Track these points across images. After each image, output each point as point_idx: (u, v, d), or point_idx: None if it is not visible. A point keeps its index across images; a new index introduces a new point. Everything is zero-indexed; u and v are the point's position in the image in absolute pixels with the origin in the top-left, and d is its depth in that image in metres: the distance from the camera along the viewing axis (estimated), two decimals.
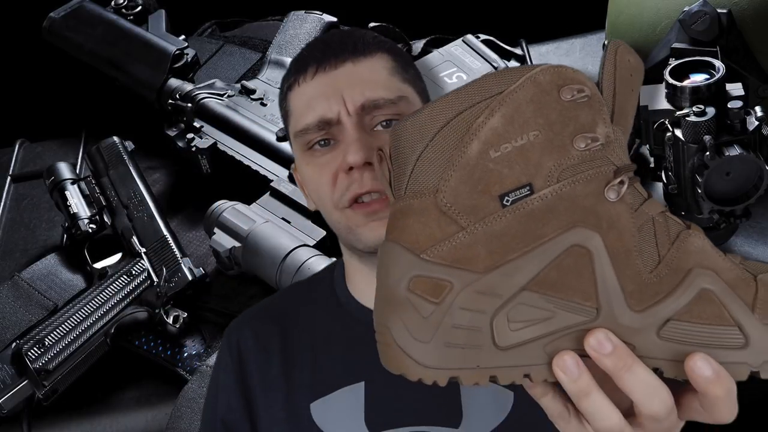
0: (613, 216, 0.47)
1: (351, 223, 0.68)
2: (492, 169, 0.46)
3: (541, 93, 0.47)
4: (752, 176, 0.89)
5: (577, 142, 0.47)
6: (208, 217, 1.08)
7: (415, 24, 1.36)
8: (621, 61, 0.49)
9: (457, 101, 0.48)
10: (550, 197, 0.46)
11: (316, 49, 0.70)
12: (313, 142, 0.68)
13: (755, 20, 1.02)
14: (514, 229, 0.46)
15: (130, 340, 1.04)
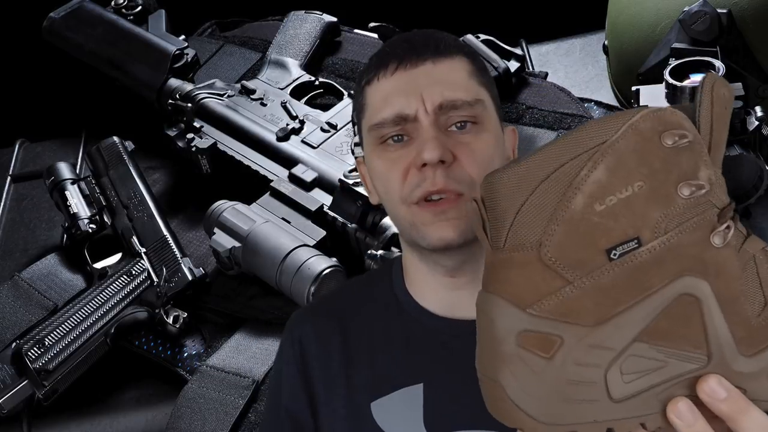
0: (719, 262, 0.46)
1: (417, 220, 0.68)
2: (597, 222, 0.46)
3: (644, 141, 0.46)
4: (752, 176, 0.89)
5: (681, 190, 0.46)
6: (208, 217, 1.08)
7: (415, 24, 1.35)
8: (717, 96, 0.48)
9: (558, 153, 0.47)
10: (659, 249, 0.46)
11: (398, 47, 0.71)
12: (387, 136, 0.69)
13: (755, 20, 1.02)
14: (622, 281, 0.46)
15: (130, 340, 1.04)
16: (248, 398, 0.95)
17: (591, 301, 0.46)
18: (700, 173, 0.46)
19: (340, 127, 1.18)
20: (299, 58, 1.33)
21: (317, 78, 1.30)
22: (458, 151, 0.68)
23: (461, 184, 0.68)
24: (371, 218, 1.04)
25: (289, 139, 1.17)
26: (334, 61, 1.37)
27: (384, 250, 0.98)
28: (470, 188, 0.68)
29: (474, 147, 0.69)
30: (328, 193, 1.09)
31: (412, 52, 0.70)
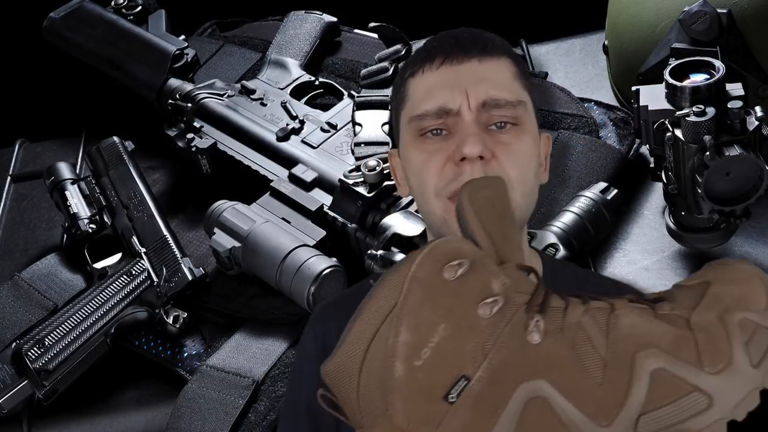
0: (545, 356, 0.49)
1: (449, 215, 0.69)
2: (424, 378, 0.48)
3: (428, 288, 0.49)
4: (752, 176, 0.89)
5: (481, 313, 0.49)
6: (208, 217, 1.08)
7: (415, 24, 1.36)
8: (477, 203, 0.52)
9: (362, 331, 0.50)
10: (486, 376, 0.48)
11: (445, 42, 0.72)
12: (427, 129, 0.70)
13: (755, 20, 1.02)
14: (470, 416, 0.48)
15: (130, 340, 1.04)
16: (248, 398, 0.95)
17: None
18: (492, 287, 0.49)
19: (340, 127, 1.18)
20: (299, 58, 1.33)
21: (317, 78, 1.30)
22: (497, 150, 0.69)
23: None
24: (371, 218, 1.04)
25: (289, 139, 1.17)
26: (334, 61, 1.37)
27: (384, 250, 0.99)
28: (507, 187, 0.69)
29: (513, 148, 0.69)
30: (328, 193, 1.09)
31: (459, 48, 0.71)
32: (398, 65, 1.22)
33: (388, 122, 0.79)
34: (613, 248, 1.09)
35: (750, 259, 1.06)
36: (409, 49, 1.26)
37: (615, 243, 1.10)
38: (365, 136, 1.13)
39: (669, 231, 1.03)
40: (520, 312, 0.49)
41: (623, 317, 0.50)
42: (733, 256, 1.06)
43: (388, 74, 1.20)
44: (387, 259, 0.97)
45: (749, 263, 0.52)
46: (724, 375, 0.49)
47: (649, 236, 1.10)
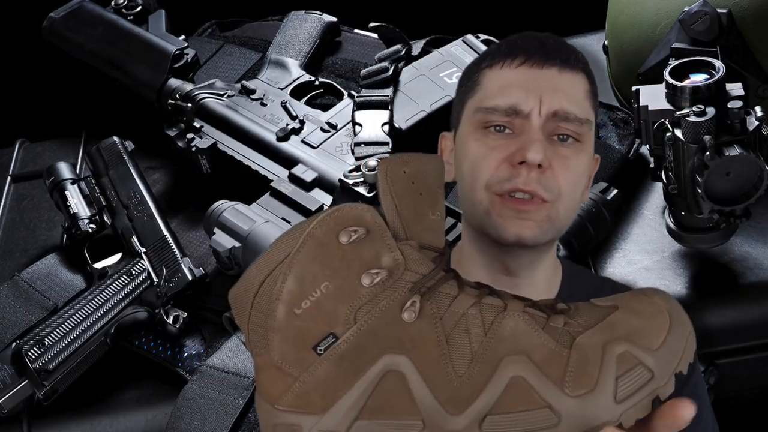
0: (414, 335, 0.51)
1: (494, 210, 0.70)
2: (300, 326, 0.52)
3: (321, 245, 0.52)
4: (752, 176, 0.89)
5: (363, 280, 0.52)
6: (208, 217, 1.08)
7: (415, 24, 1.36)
8: (394, 177, 0.54)
9: (260, 269, 0.54)
10: (352, 338, 0.51)
11: (530, 43, 0.72)
12: (492, 123, 0.70)
13: (755, 20, 1.02)
14: (333, 372, 0.51)
15: (130, 340, 1.04)
16: (248, 398, 0.95)
17: (316, 393, 0.52)
18: (382, 260, 0.52)
19: (340, 127, 1.18)
20: (299, 58, 1.33)
21: (317, 78, 1.29)
22: (555, 162, 0.69)
23: (549, 192, 0.69)
24: None
25: (289, 139, 1.17)
26: (334, 61, 1.37)
27: None
28: (555, 198, 0.70)
29: (570, 162, 0.70)
30: (328, 193, 1.09)
31: (543, 52, 0.71)
32: (398, 65, 1.22)
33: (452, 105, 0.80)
34: (613, 248, 1.09)
35: (750, 259, 1.06)
36: (409, 49, 1.26)
37: (615, 243, 1.10)
38: (365, 136, 1.13)
39: (669, 231, 1.03)
40: (403, 289, 0.52)
41: (509, 319, 0.52)
42: (733, 256, 1.06)
43: (388, 74, 1.20)
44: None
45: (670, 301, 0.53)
46: (581, 400, 0.50)
47: (649, 236, 1.10)
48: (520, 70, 0.71)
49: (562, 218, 0.72)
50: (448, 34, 1.32)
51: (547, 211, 0.70)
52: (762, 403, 1.09)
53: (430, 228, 0.55)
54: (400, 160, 0.55)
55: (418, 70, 1.23)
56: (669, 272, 1.05)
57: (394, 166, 0.55)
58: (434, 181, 0.56)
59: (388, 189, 0.54)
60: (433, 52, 1.27)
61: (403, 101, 1.19)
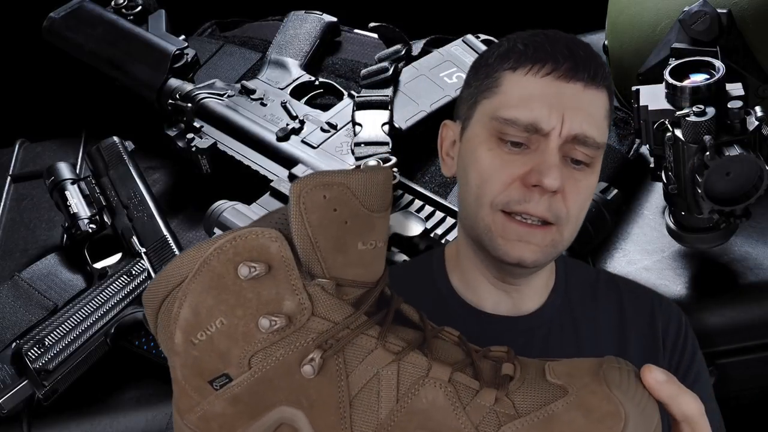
0: (311, 393, 0.46)
1: (498, 229, 0.68)
2: (197, 356, 0.48)
3: (217, 277, 0.46)
4: (752, 176, 0.89)
5: (260, 324, 0.46)
6: (208, 217, 1.08)
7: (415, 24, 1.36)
8: (309, 203, 0.46)
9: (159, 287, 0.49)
10: (246, 383, 0.47)
11: (559, 51, 0.68)
12: (508, 138, 0.67)
13: (755, 20, 1.02)
14: (230, 410, 0.47)
15: (130, 340, 1.04)
16: None
17: (215, 423, 0.48)
18: (283, 303, 0.45)
19: (340, 127, 1.18)
20: (299, 58, 1.33)
21: (317, 78, 1.29)
22: (566, 185, 0.67)
23: (556, 217, 0.67)
24: None
25: (289, 139, 1.17)
26: (334, 61, 1.37)
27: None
28: (562, 222, 0.68)
29: (581, 185, 0.68)
30: None
31: (571, 64, 0.67)
32: (398, 65, 1.23)
33: (459, 93, 0.76)
34: (613, 248, 1.09)
35: (750, 259, 1.06)
36: (409, 49, 1.26)
37: (615, 243, 1.10)
38: (365, 136, 1.13)
39: (669, 231, 1.03)
40: (305, 339, 0.46)
41: (429, 389, 0.45)
42: (733, 256, 1.06)
43: (388, 74, 1.20)
44: (387, 259, 0.96)
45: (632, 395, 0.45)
46: None
47: (649, 236, 1.10)
48: (545, 81, 0.67)
49: (566, 240, 0.70)
50: (448, 34, 1.32)
51: (552, 236, 0.68)
52: (762, 403, 1.09)
53: (358, 261, 0.47)
54: (320, 182, 0.46)
55: (418, 70, 1.23)
56: (669, 272, 1.05)
57: (310, 190, 0.46)
58: (369, 205, 0.47)
59: (301, 218, 0.46)
60: (433, 52, 1.27)
61: (403, 101, 1.19)
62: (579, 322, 0.77)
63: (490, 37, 1.27)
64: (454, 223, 1.02)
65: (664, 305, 0.81)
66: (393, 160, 1.06)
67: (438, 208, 1.04)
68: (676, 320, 0.80)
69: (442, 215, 1.03)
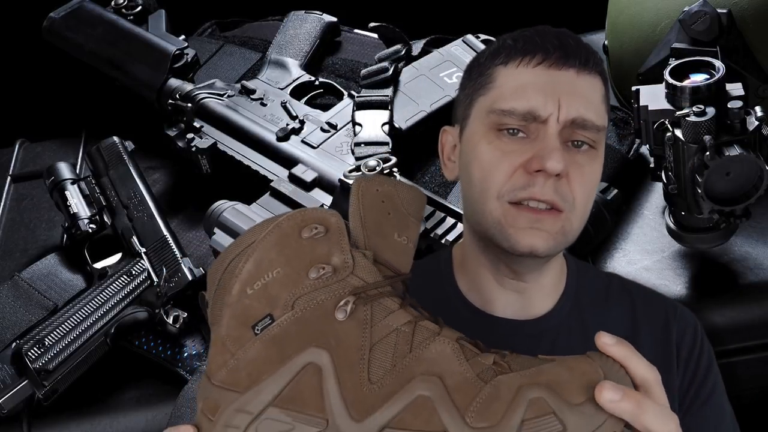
0: (340, 334, 0.53)
1: (508, 220, 0.67)
2: (248, 304, 0.55)
3: (284, 236, 0.56)
4: (752, 176, 0.89)
5: (310, 273, 0.54)
6: (208, 217, 1.08)
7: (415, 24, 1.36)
8: (365, 191, 0.58)
9: (231, 249, 0.57)
10: (285, 323, 0.53)
11: (548, 41, 0.69)
12: (507, 126, 0.67)
13: (755, 20, 1.02)
14: (263, 353, 0.53)
15: (130, 340, 1.04)
16: None
17: (244, 372, 0.54)
18: (332, 258, 0.55)
19: (340, 127, 1.18)
20: (299, 58, 1.33)
21: (317, 78, 1.29)
22: (570, 170, 0.67)
23: (565, 201, 0.67)
24: None
25: (289, 139, 1.17)
26: (334, 61, 1.37)
27: None
28: (570, 209, 0.68)
29: (585, 170, 0.68)
30: (328, 193, 1.09)
31: (562, 53, 0.68)
32: (398, 65, 1.23)
33: (456, 96, 0.77)
34: (613, 248, 1.09)
35: (750, 259, 1.06)
36: (409, 49, 1.26)
37: (615, 243, 1.10)
38: (365, 136, 1.13)
39: (669, 231, 1.03)
40: (343, 289, 0.54)
41: (438, 343, 0.53)
42: (733, 256, 1.06)
43: (388, 74, 1.20)
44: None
45: (611, 364, 0.52)
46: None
47: (649, 236, 1.10)
48: (537, 70, 0.68)
49: (575, 229, 0.70)
50: (448, 34, 1.32)
51: (562, 222, 0.68)
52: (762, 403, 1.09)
53: (394, 248, 0.57)
54: (375, 180, 0.59)
55: (418, 70, 1.23)
56: (669, 272, 1.05)
57: (367, 183, 0.59)
58: (407, 209, 0.58)
59: (357, 200, 0.58)
60: (433, 52, 1.27)
61: (403, 101, 1.19)
62: (588, 326, 0.76)
63: (490, 37, 1.27)
64: (454, 223, 1.02)
65: (680, 314, 0.80)
66: (393, 160, 1.06)
67: (438, 208, 1.04)
68: (692, 329, 0.79)
69: (442, 215, 1.03)
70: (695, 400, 0.76)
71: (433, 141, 0.82)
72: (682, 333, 0.78)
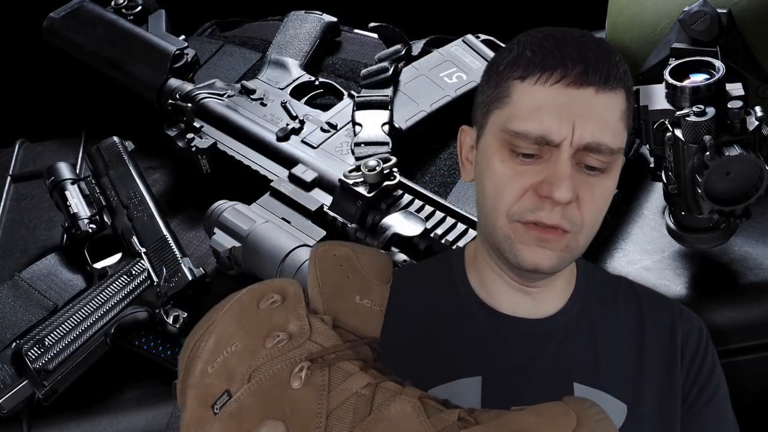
0: (296, 402, 0.52)
1: (516, 237, 0.68)
2: (208, 383, 0.54)
3: (243, 309, 0.55)
4: (752, 176, 0.89)
5: (267, 343, 0.53)
6: (208, 217, 1.08)
7: (415, 24, 1.36)
8: (322, 257, 0.58)
9: (198, 329, 0.57)
10: (242, 397, 0.52)
11: (568, 56, 0.67)
12: (519, 150, 0.67)
13: (755, 20, 1.02)
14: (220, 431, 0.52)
15: (130, 340, 1.04)
16: None
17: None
18: (289, 326, 0.54)
19: (340, 127, 1.18)
20: (299, 58, 1.33)
21: (317, 78, 1.30)
22: (581, 192, 0.67)
23: (572, 224, 0.67)
24: (371, 218, 1.04)
25: (289, 139, 1.17)
26: (334, 61, 1.37)
27: (384, 250, 0.98)
28: (578, 229, 0.68)
29: (596, 192, 0.68)
30: (328, 193, 1.09)
31: (582, 68, 0.66)
32: (398, 65, 1.23)
33: (474, 98, 0.76)
34: (613, 248, 1.09)
35: (750, 259, 1.06)
36: (409, 49, 1.26)
37: (615, 243, 1.10)
38: (365, 136, 1.13)
39: (669, 231, 1.03)
40: (299, 356, 0.53)
41: (398, 403, 0.52)
42: (733, 256, 1.06)
43: (388, 74, 1.20)
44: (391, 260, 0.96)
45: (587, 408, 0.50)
46: None
47: (649, 236, 1.10)
48: (555, 89, 0.66)
49: (582, 246, 0.70)
50: (448, 34, 1.32)
51: (567, 242, 0.68)
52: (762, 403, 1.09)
53: (356, 312, 0.57)
54: (332, 245, 0.59)
55: (418, 70, 1.23)
56: (669, 272, 1.05)
57: (324, 248, 0.59)
58: (369, 271, 0.58)
59: (314, 266, 0.57)
60: (433, 52, 1.27)
61: (403, 101, 1.19)
62: (597, 328, 0.76)
63: (490, 37, 1.27)
64: (454, 223, 1.02)
65: (686, 317, 0.80)
66: (393, 160, 1.06)
67: (438, 208, 1.04)
68: (697, 333, 0.80)
69: (442, 215, 1.03)
70: (697, 401, 0.77)
71: (434, 141, 0.82)
72: (687, 335, 0.79)
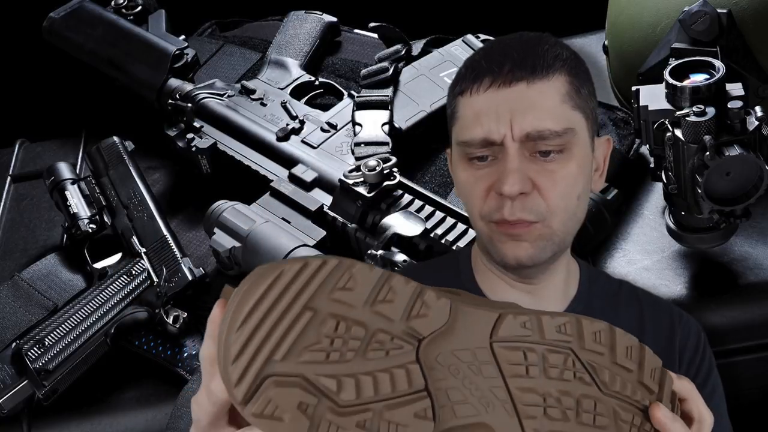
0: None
1: (493, 236, 0.71)
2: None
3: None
4: (752, 176, 0.89)
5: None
6: (208, 217, 1.08)
7: (415, 24, 1.36)
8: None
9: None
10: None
11: (494, 61, 0.70)
12: (474, 155, 0.70)
13: (755, 20, 1.02)
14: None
15: (130, 340, 1.04)
16: None
17: None
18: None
19: (340, 127, 1.18)
20: (299, 58, 1.33)
21: (317, 78, 1.30)
22: (540, 179, 0.68)
23: (536, 214, 0.69)
24: (371, 218, 1.04)
25: (289, 139, 1.17)
26: (334, 61, 1.37)
27: (384, 250, 0.98)
28: (545, 216, 0.69)
29: (556, 176, 0.69)
30: (328, 193, 1.09)
31: (508, 68, 0.68)
32: (398, 65, 1.23)
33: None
34: (613, 248, 1.09)
35: (750, 259, 1.06)
36: (409, 49, 1.26)
37: (615, 243, 1.10)
38: (365, 136, 1.13)
39: (669, 231, 1.02)
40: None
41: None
42: (733, 256, 1.06)
43: (388, 74, 1.20)
44: (387, 259, 0.97)
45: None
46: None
47: (649, 236, 1.10)
48: (488, 94, 0.69)
49: (560, 231, 0.71)
50: (448, 34, 1.32)
51: (539, 231, 0.69)
52: (762, 403, 1.09)
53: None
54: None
55: (418, 70, 1.23)
56: (669, 272, 1.05)
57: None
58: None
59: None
60: (433, 52, 1.27)
61: (403, 101, 1.19)
62: None
63: (490, 37, 1.27)
64: (454, 223, 1.02)
65: (685, 320, 0.82)
66: (393, 160, 1.06)
67: (438, 208, 1.04)
68: (695, 336, 0.82)
69: (442, 215, 1.03)
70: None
71: (434, 141, 0.82)
72: (686, 338, 0.81)
